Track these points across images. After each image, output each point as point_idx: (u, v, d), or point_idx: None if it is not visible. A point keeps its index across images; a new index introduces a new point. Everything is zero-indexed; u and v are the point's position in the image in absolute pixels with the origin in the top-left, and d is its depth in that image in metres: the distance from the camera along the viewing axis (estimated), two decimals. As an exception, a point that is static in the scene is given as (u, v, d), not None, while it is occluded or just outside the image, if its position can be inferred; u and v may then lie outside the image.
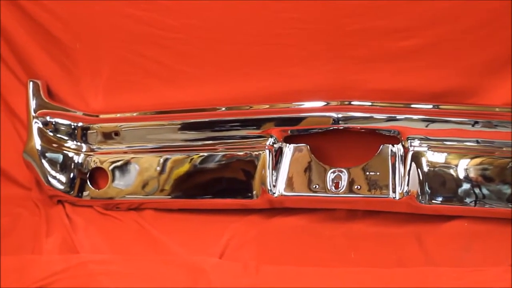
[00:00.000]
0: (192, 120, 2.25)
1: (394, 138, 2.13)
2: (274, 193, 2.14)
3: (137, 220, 2.18)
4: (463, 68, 2.15)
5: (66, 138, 2.28)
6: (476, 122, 2.10)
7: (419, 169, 2.07)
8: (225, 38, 2.24)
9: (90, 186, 2.30)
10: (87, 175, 2.32)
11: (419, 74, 2.17)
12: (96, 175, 2.34)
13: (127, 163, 2.25)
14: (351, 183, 2.10)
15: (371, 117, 2.13)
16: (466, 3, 2.12)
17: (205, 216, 2.21)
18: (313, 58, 2.19)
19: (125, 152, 2.25)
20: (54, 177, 2.24)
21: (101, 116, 2.31)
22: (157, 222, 2.18)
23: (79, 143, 2.29)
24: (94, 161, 2.31)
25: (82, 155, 2.29)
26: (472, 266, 1.96)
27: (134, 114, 2.24)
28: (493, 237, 2.07)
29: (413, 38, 2.15)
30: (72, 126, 2.29)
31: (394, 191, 2.08)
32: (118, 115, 2.30)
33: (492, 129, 2.09)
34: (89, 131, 2.32)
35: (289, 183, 2.13)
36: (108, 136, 2.30)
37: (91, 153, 2.31)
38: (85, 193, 2.28)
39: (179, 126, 2.25)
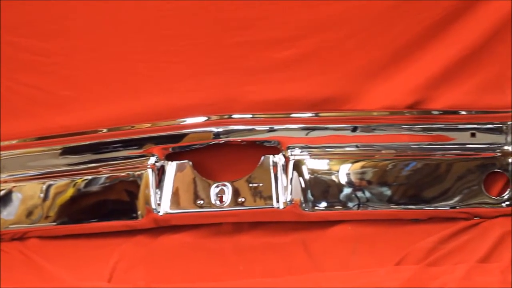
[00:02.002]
0: (73, 144, 2.21)
1: (275, 148, 2.11)
2: (159, 211, 2.12)
3: (21, 250, 2.12)
4: (342, 74, 2.19)
5: None
6: (355, 127, 2.09)
7: (301, 178, 2.09)
8: (109, 58, 2.22)
9: (-29, 218, 2.19)
10: (-32, 207, 2.19)
11: (301, 83, 2.20)
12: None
13: (8, 192, 2.19)
14: (235, 196, 2.10)
15: (253, 129, 2.13)
16: (343, 11, 2.16)
17: (92, 240, 2.18)
18: (199, 73, 2.21)
19: (6, 181, 2.18)
20: None
21: (-21, 146, 2.18)
22: (43, 250, 2.14)
23: (-41, 175, 2.19)
24: (-26, 192, 2.19)
25: (-38, 187, 2.19)
26: (359, 268, 1.97)
27: (13, 141, 2.18)
28: (378, 239, 2.10)
29: (293, 48, 2.18)
30: (-47, 158, 2.18)
31: (278, 201, 2.09)
32: (-3, 144, 2.18)
33: (371, 133, 2.13)
34: (-32, 162, 2.19)
35: (174, 201, 2.12)
36: (-13, 166, 2.18)
37: (-28, 185, 2.19)
38: (-34, 226, 2.18)
39: (60, 151, 2.22)
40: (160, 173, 2.14)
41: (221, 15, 2.13)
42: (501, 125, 2.11)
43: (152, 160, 2.15)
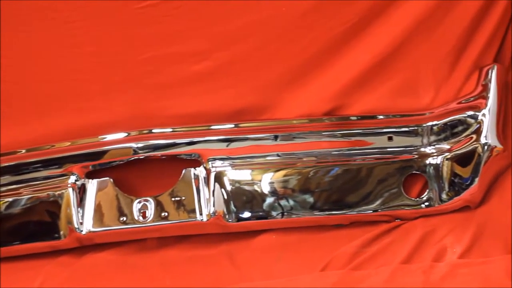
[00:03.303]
0: (-9, 167, 2.12)
1: (196, 161, 2.11)
2: (82, 230, 2.11)
3: None
4: (257, 84, 2.20)
5: None
6: (276, 136, 2.10)
7: (223, 189, 2.10)
8: (19, 79, 2.20)
9: None
10: None
11: (216, 95, 2.20)
12: None
13: None
14: (158, 211, 2.10)
15: (173, 143, 2.12)
16: (252, 23, 2.19)
17: (15, 263, 2.15)
18: (112, 90, 2.19)
19: None
20: None
21: None
22: (-36, 277, 2.08)
23: None
24: None
25: None
26: (285, 276, 1.98)
27: None
28: (302, 246, 2.11)
29: (207, 61, 2.18)
30: None
31: (201, 214, 2.10)
32: None
33: (291, 141, 2.14)
34: None
35: (96, 219, 2.11)
36: None
37: None
38: None
39: (-21, 174, 2.12)
40: (81, 191, 2.12)
41: (131, 31, 2.12)
42: (416, 128, 2.14)
43: (72, 179, 2.13)
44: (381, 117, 2.17)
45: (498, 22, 2.14)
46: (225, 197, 2.09)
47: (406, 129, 2.15)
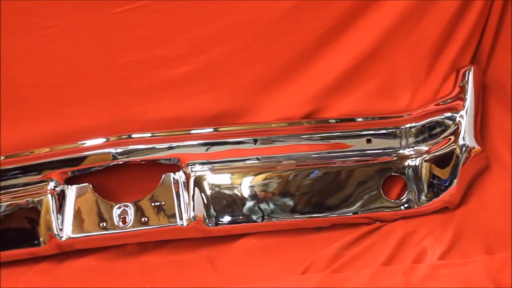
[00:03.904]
0: (-31, 174, 2.11)
1: (175, 166, 2.10)
2: (62, 237, 2.10)
3: None
4: (235, 88, 2.20)
5: None
6: (255, 140, 2.11)
7: (202, 194, 2.10)
8: None
9: None
10: None
11: (195, 99, 2.20)
12: None
13: None
14: (138, 216, 2.10)
15: (152, 148, 2.11)
16: (229, 27, 2.20)
17: (-6, 270, 2.10)
18: (90, 96, 2.19)
19: None
20: None
21: None
22: None
23: None
24: None
25: None
26: (266, 280, 1.98)
27: None
28: (283, 249, 2.11)
29: (185, 65, 2.18)
30: None
31: (181, 218, 2.09)
32: None
33: (271, 144, 2.14)
34: None
35: (76, 225, 2.10)
36: None
37: None
38: None
39: (-42, 181, 2.10)
40: (61, 197, 2.11)
41: (108, 37, 2.12)
42: (395, 130, 2.15)
43: (51, 185, 2.12)
44: (359, 119, 2.17)
45: (474, 23, 2.16)
46: (205, 201, 2.09)
47: (385, 131, 2.16)
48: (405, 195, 2.13)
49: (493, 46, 2.21)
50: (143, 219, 2.09)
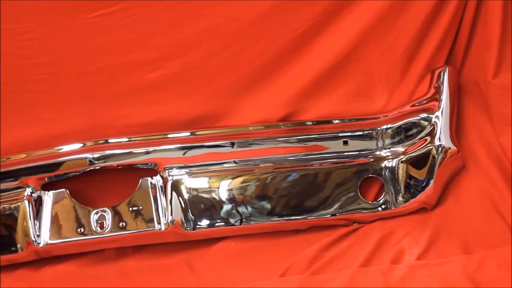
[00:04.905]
0: None
1: (153, 170, 2.10)
2: (39, 243, 2.09)
3: None
4: (211, 92, 2.21)
5: None
6: (232, 143, 2.11)
7: (180, 198, 2.09)
8: None
9: None
10: None
11: (171, 103, 2.21)
12: None
13: None
14: (116, 221, 2.10)
15: (129, 153, 2.11)
16: (204, 31, 2.20)
17: (-28, 278, 2.08)
18: (66, 101, 2.18)
19: None
20: None
21: None
22: None
23: None
24: None
25: None
26: (245, 283, 1.98)
27: None
28: (261, 252, 2.12)
29: (160, 69, 2.17)
30: None
31: (159, 223, 2.10)
32: None
33: (248, 147, 2.15)
34: None
35: (54, 231, 2.10)
36: None
37: None
38: None
39: None
40: (38, 203, 2.10)
41: (83, 41, 2.12)
42: (371, 131, 2.16)
43: (28, 191, 2.11)
44: (336, 121, 2.18)
45: (448, 24, 2.17)
46: (183, 205, 2.09)
47: (361, 133, 2.17)
48: (382, 196, 2.14)
49: (467, 46, 2.22)
50: (121, 224, 2.08)
